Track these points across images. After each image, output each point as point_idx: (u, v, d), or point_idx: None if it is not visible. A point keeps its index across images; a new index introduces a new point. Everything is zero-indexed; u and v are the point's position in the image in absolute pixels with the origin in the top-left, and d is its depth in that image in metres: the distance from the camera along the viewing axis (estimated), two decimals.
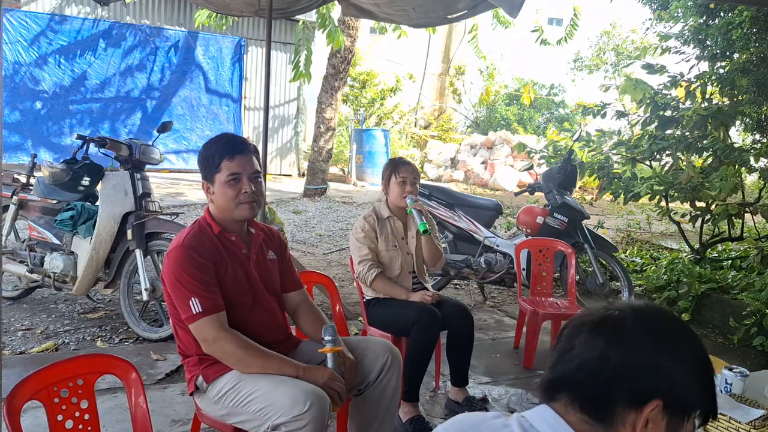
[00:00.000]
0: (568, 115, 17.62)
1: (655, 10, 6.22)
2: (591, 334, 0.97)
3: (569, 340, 0.99)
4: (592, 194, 10.95)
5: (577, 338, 0.98)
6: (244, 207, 2.11)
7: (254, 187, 2.12)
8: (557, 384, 0.99)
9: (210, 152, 2.13)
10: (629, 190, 5.40)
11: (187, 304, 1.99)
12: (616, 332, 0.96)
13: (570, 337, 1.00)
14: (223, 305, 2.05)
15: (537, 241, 4.40)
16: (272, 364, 2.04)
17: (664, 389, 0.92)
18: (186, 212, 7.61)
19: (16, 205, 4.29)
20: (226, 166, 2.09)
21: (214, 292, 2.03)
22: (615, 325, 0.97)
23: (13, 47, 9.80)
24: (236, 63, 11.66)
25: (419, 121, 17.10)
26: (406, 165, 3.21)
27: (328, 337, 2.10)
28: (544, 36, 9.97)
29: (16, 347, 3.64)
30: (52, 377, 1.74)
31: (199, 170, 2.22)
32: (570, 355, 0.98)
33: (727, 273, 5.35)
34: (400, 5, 4.70)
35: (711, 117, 5.15)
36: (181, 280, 2.01)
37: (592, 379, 0.95)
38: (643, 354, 0.93)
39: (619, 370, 0.93)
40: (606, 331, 0.96)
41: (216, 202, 2.14)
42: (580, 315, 1.04)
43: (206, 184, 2.16)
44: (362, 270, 3.11)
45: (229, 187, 2.09)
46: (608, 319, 0.98)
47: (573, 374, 0.97)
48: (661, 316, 1.00)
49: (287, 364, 2.05)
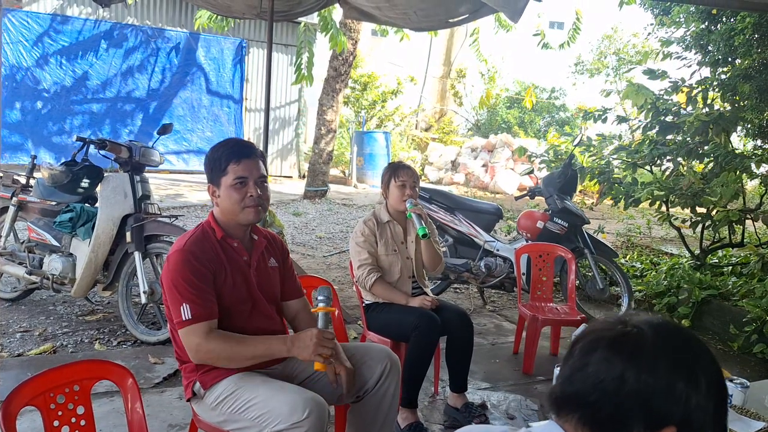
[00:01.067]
0: (568, 118, 17.64)
1: (656, 15, 6.21)
2: (607, 352, 0.93)
3: (583, 357, 0.95)
4: (592, 199, 10.94)
5: (592, 356, 0.94)
6: (249, 211, 2.10)
7: (260, 191, 2.11)
8: (569, 402, 0.96)
9: (217, 155, 2.12)
10: (630, 196, 5.39)
11: (178, 309, 1.98)
12: (634, 352, 0.91)
13: (584, 353, 0.96)
14: (216, 313, 2.03)
15: (537, 246, 4.39)
16: (260, 348, 2.02)
17: (679, 415, 0.89)
18: (186, 214, 7.60)
19: (15, 206, 4.27)
20: (233, 169, 2.08)
21: (208, 300, 2.02)
22: (634, 344, 0.92)
23: (14, 47, 9.80)
24: (237, 64, 11.66)
25: (420, 123, 17.11)
26: (405, 169, 3.21)
27: (322, 297, 2.09)
28: (545, 40, 10.00)
29: (14, 349, 3.63)
30: (48, 383, 1.72)
31: (199, 172, 2.23)
32: (584, 373, 0.94)
33: (727, 279, 5.34)
34: (401, 9, 4.70)
35: (712, 123, 5.13)
36: (176, 284, 2.00)
37: (607, 402, 0.91)
38: (661, 377, 0.89)
39: (635, 393, 0.89)
40: (623, 350, 0.92)
41: (221, 205, 2.13)
42: (595, 329, 0.99)
43: (212, 188, 2.15)
44: (362, 274, 3.10)
45: (235, 191, 2.08)
46: (626, 336, 0.94)
47: (587, 395, 0.93)
48: (679, 335, 0.96)
49: (275, 341, 2.04)
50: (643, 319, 0.97)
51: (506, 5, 3.20)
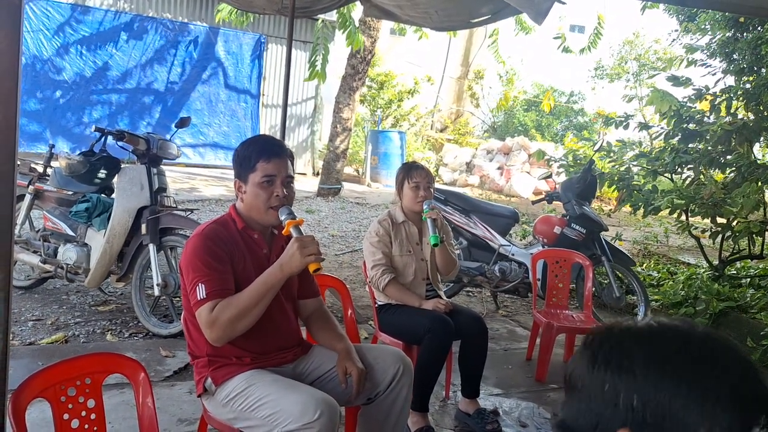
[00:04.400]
0: (587, 123, 17.49)
1: (681, 21, 6.13)
2: (599, 372, 0.84)
3: (578, 378, 0.87)
4: (609, 205, 10.83)
5: (584, 378, 0.85)
6: (273, 213, 2.09)
7: (286, 191, 2.11)
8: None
9: (247, 152, 2.12)
10: (649, 204, 5.31)
11: (194, 290, 1.98)
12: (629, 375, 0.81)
13: (578, 375, 0.87)
14: (231, 293, 2.01)
15: (554, 252, 4.33)
16: (255, 286, 1.99)
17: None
18: (200, 208, 7.60)
19: (32, 194, 4.29)
20: (262, 167, 2.08)
21: (224, 280, 2.01)
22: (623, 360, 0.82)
23: (35, 36, 9.87)
24: (256, 60, 11.67)
25: (436, 124, 17.03)
26: (419, 169, 3.17)
27: (284, 216, 2.06)
28: (566, 43, 9.91)
29: (25, 338, 3.64)
30: (59, 375, 1.71)
31: (214, 166, 2.23)
32: (579, 396, 0.85)
33: (745, 291, 5.25)
34: (422, 8, 4.67)
35: (735, 132, 5.05)
36: (193, 265, 2.00)
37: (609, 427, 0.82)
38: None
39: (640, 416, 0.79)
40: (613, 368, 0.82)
41: (246, 201, 2.12)
42: (589, 346, 0.88)
43: (238, 183, 2.15)
44: (375, 275, 3.07)
45: (261, 189, 2.08)
46: (615, 355, 0.83)
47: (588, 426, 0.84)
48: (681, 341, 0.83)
49: (269, 271, 2.01)
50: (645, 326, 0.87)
51: (531, 6, 3.15)
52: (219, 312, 1.95)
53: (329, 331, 2.28)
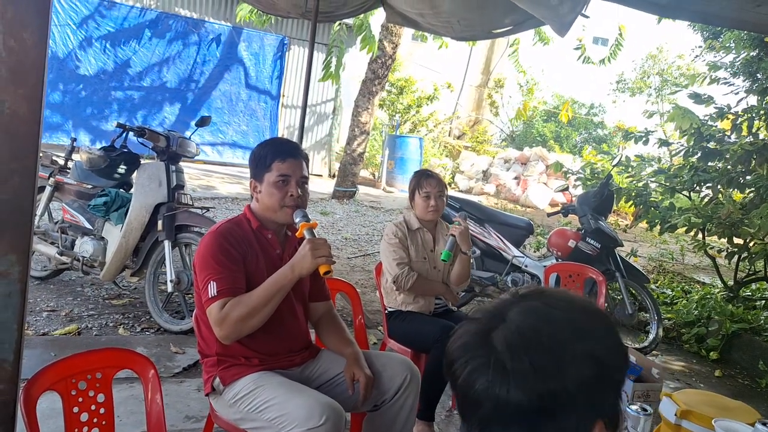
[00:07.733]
0: (606, 136, 17.37)
1: (706, 38, 6.08)
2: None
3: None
4: (626, 220, 10.74)
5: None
6: (287, 211, 2.13)
7: (301, 191, 2.14)
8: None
9: (263, 152, 2.16)
10: (666, 221, 5.26)
11: (206, 287, 2.00)
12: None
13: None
14: (242, 291, 2.02)
15: (568, 265, 4.31)
16: (265, 286, 2.00)
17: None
18: (216, 206, 7.66)
19: (52, 186, 4.35)
20: (277, 167, 2.12)
21: (236, 279, 2.03)
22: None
23: (61, 29, 10.01)
24: (278, 60, 11.73)
25: (454, 130, 17.01)
26: (429, 178, 3.12)
27: (298, 218, 2.09)
28: (586, 54, 9.86)
29: (39, 328, 3.69)
30: (71, 369, 1.73)
31: (232, 164, 2.27)
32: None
33: (759, 314, 5.19)
34: (445, 17, 4.67)
35: (756, 152, 4.99)
36: (206, 263, 2.03)
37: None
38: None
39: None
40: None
41: (261, 200, 2.16)
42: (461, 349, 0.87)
43: (254, 182, 2.19)
44: (401, 273, 3.00)
45: (276, 188, 2.11)
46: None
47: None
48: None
49: (281, 272, 2.03)
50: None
51: (555, 18, 3.15)
52: (229, 310, 1.97)
53: (338, 336, 2.29)
